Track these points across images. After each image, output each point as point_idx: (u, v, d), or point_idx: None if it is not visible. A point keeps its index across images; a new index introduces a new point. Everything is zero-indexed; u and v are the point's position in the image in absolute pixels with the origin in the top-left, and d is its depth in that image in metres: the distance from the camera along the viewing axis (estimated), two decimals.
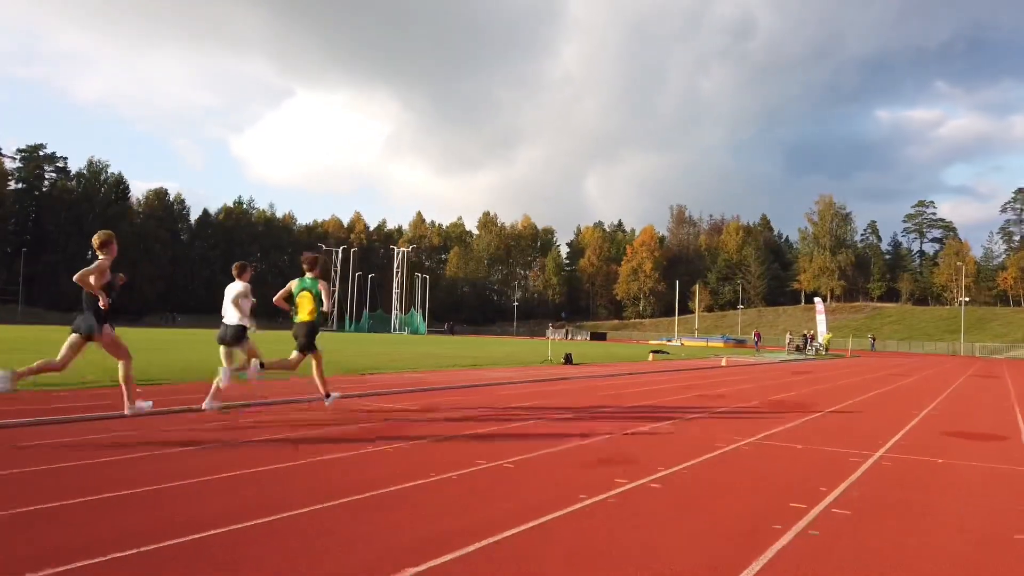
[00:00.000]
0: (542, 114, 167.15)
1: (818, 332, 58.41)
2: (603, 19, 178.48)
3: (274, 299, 8.53)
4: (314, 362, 8.60)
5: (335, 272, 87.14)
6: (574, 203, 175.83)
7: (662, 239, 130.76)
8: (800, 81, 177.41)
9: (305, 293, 8.42)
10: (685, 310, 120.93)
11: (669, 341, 76.59)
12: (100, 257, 6.87)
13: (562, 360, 22.99)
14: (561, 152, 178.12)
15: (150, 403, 7.54)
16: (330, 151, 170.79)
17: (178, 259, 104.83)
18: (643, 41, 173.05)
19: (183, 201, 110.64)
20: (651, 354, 30.68)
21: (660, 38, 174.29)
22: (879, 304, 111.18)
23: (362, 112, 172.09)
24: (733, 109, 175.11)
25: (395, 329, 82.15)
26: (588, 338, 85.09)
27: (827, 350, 49.06)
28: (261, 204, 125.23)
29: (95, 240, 6.96)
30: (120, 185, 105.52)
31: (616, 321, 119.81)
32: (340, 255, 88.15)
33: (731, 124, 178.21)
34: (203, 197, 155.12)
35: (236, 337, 8.16)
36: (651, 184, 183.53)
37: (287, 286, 8.56)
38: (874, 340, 75.25)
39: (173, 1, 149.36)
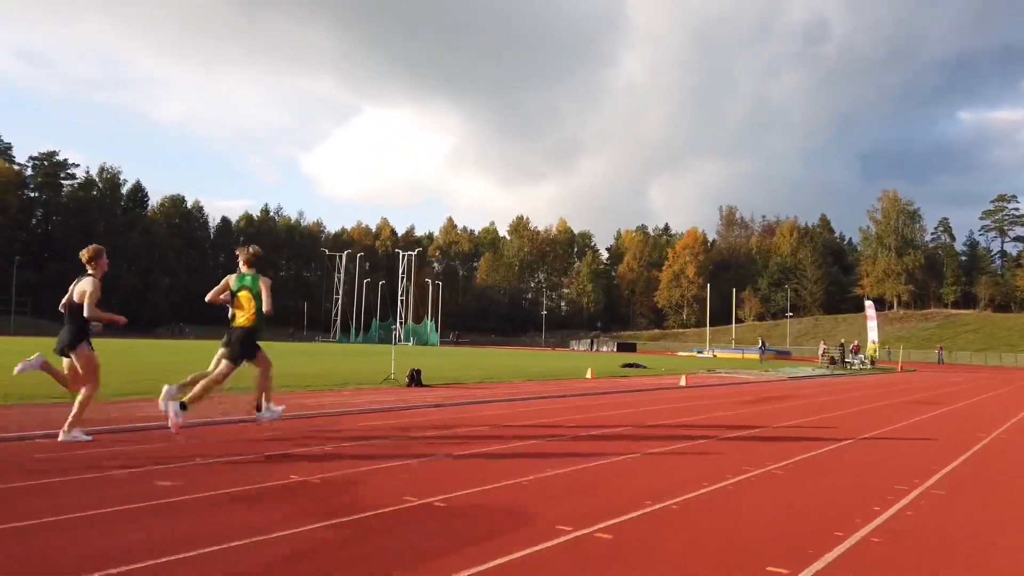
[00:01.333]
0: (605, 124, 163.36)
1: (868, 341, 49.46)
2: (666, 27, 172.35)
3: (207, 297, 7.39)
4: (258, 370, 7.36)
5: (338, 279, 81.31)
6: (638, 214, 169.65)
7: (710, 242, 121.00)
8: (877, 84, 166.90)
9: (244, 292, 7.14)
10: (733, 318, 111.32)
11: (700, 353, 67.95)
12: (89, 272, 6.74)
13: (406, 380, 15.69)
14: (624, 162, 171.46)
15: (90, 437, 6.81)
16: (395, 165, 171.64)
17: (194, 268, 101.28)
18: (709, 48, 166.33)
19: (201, 208, 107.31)
20: (590, 370, 22.91)
21: (727, 44, 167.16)
22: (953, 311, 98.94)
23: (426, 126, 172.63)
24: (805, 115, 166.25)
25: (398, 340, 75.54)
26: (615, 349, 76.88)
27: (873, 363, 40.06)
28: (293, 213, 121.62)
29: (83, 254, 6.81)
30: (139, 193, 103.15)
31: (656, 331, 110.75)
32: (344, 260, 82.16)
33: (803, 130, 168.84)
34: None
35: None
36: (718, 193, 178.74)
37: (223, 281, 7.36)
38: (942, 351, 64.69)
39: (246, 24, 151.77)
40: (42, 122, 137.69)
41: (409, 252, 77.10)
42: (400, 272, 78.04)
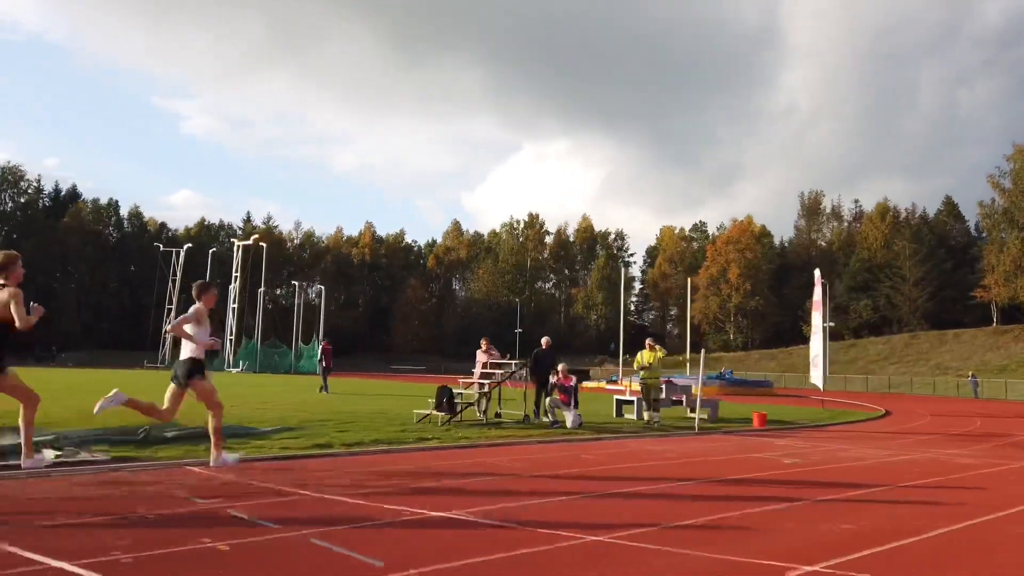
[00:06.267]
0: (767, 147, 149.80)
1: (812, 353, 23.77)
2: (831, 42, 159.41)
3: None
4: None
5: (172, 284, 61.40)
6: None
7: (779, 237, 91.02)
8: None
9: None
10: (797, 337, 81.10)
11: (608, 382, 41.97)
12: (1, 283, 5.96)
13: None
14: (790, 185, 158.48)
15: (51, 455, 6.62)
16: (550, 197, 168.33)
17: (116, 284, 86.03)
18: (883, 61, 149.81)
19: (139, 215, 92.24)
20: None
21: (905, 55, 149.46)
22: None
23: (580, 157, 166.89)
24: (1004, 124, 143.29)
25: (228, 364, 54.73)
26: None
27: (653, 410, 14.29)
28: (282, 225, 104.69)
29: None
30: (74, 197, 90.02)
31: (693, 355, 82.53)
32: (181, 258, 62.11)
33: (1002, 141, 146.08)
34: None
35: (186, 374, 6.83)
36: (902, 214, 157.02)
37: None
38: None
39: (408, 74, 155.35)
40: (243, 177, 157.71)
41: (245, 242, 56.41)
42: (234, 269, 57.49)
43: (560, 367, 13.71)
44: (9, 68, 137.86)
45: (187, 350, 6.85)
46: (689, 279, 55.93)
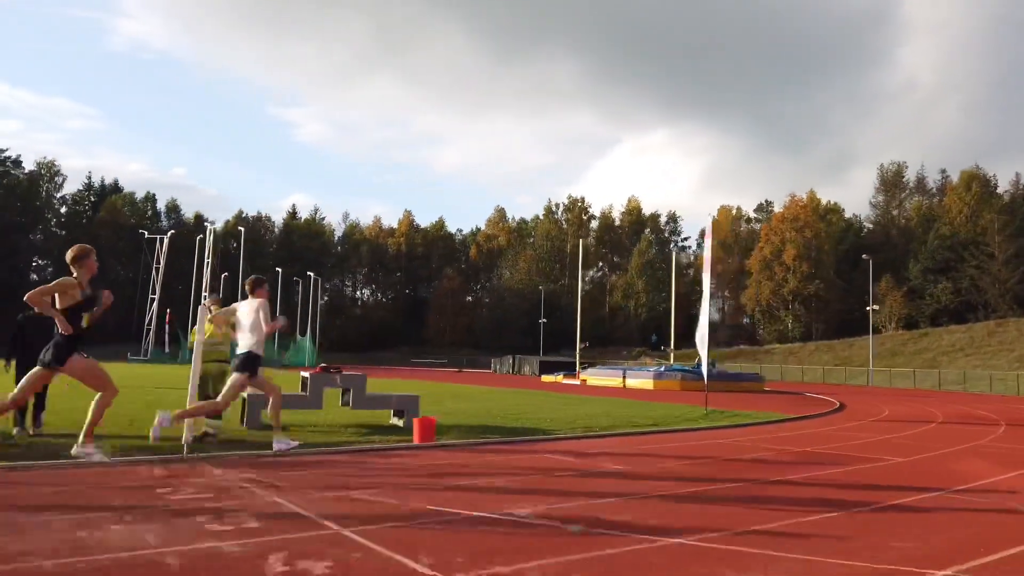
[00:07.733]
0: (883, 129, 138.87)
1: (701, 336, 16.86)
2: (954, 13, 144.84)
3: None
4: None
5: (156, 271, 58.52)
6: None
7: (836, 211, 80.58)
8: None
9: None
10: (859, 328, 71.30)
11: (565, 375, 35.55)
12: (74, 273, 6.11)
13: None
14: (911, 169, 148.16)
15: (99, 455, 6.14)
16: (652, 189, 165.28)
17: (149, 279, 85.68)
18: (1013, 31, 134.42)
19: (177, 208, 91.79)
20: None
21: None
22: None
23: (680, 146, 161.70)
24: None
25: (184, 357, 51.21)
26: (537, 372, 45.30)
27: (211, 416, 8.26)
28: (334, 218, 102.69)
29: (68, 255, 6.23)
30: (116, 191, 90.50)
31: (743, 347, 74.05)
32: (164, 246, 58.93)
33: None
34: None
35: (242, 366, 6.92)
36: (992, 182, 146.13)
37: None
38: None
39: (504, 70, 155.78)
40: (354, 181, 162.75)
41: (215, 225, 53.02)
42: (206, 254, 53.97)
43: None
44: (142, 85, 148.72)
45: (244, 344, 6.80)
46: (675, 255, 48.37)
